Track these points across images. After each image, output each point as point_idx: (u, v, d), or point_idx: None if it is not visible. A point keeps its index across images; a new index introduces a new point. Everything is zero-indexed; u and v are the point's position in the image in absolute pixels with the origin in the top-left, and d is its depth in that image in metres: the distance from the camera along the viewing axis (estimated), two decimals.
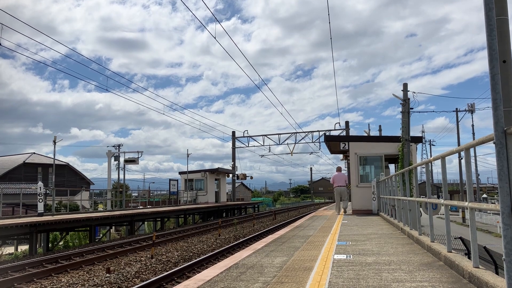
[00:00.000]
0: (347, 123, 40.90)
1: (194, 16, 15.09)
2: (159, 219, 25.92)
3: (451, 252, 5.39)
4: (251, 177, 47.96)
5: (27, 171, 49.16)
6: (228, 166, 43.44)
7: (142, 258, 12.87)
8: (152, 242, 13.97)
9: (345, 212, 17.39)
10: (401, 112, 16.28)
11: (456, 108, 37.97)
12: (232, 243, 15.62)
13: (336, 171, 17.80)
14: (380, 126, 38.92)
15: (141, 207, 33.02)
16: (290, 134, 42.07)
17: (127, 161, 31.65)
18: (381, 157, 17.19)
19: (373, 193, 16.14)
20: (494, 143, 3.20)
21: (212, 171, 36.87)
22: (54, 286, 9.17)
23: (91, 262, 12.47)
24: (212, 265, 9.34)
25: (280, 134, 42.95)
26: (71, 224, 17.30)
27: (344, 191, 17.05)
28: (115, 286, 8.98)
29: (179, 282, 8.66)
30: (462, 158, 33.97)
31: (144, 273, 10.29)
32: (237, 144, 44.12)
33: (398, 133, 16.83)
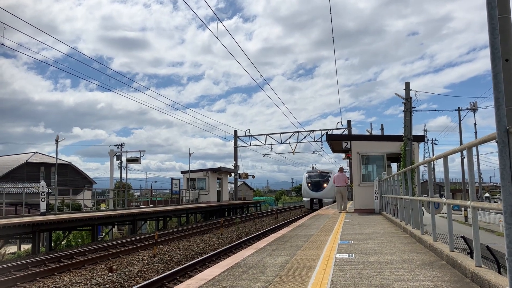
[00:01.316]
0: (349, 122, 40.94)
1: (196, 15, 15.07)
2: (161, 218, 25.96)
3: (453, 251, 5.38)
4: (253, 176, 48.12)
5: (30, 171, 49.25)
6: (230, 165, 43.49)
7: (144, 257, 12.89)
8: (154, 241, 13.98)
9: (344, 209, 17.52)
10: (403, 111, 16.22)
11: (459, 107, 37.90)
12: (234, 242, 15.64)
13: (338, 171, 18.16)
14: (382, 125, 38.93)
15: (143, 206, 33.06)
16: (292, 133, 42.12)
17: (129, 161, 31.69)
18: (383, 156, 17.22)
19: (375, 192, 16.13)
20: (496, 142, 3.19)
21: (214, 170, 36.87)
22: (57, 285, 9.19)
23: (94, 261, 12.49)
24: (214, 264, 9.34)
25: (282, 133, 43.05)
26: (73, 223, 17.34)
27: (344, 190, 17.43)
28: (118, 285, 9.00)
29: (181, 281, 8.67)
30: (464, 157, 33.89)
31: (146, 272, 10.31)
32: (239, 143, 44.17)
33: (400, 132, 16.82)
